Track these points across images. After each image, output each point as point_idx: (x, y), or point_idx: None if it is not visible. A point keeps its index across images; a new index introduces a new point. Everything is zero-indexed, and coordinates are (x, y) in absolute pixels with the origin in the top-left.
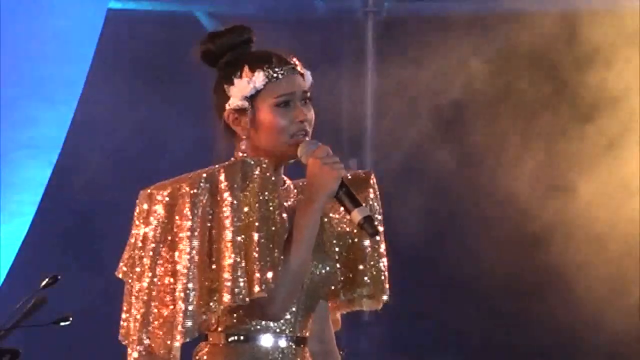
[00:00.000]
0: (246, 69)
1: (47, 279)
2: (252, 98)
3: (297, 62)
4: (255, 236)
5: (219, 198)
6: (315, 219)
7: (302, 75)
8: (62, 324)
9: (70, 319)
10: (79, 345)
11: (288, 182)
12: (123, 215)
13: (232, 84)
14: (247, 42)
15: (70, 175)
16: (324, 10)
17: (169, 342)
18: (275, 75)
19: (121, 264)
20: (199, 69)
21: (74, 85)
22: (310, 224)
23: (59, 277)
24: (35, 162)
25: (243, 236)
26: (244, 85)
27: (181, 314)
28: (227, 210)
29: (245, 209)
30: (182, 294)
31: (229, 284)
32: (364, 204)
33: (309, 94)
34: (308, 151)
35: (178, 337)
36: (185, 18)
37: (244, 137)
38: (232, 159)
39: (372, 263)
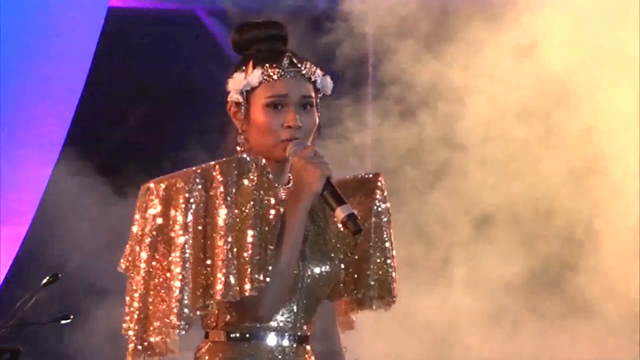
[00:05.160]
0: (250, 64)
1: (47, 277)
2: (247, 94)
3: (308, 66)
4: (249, 234)
5: (213, 194)
6: (300, 219)
7: (309, 80)
8: (62, 322)
9: (71, 317)
10: (78, 343)
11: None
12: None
13: (232, 77)
14: (274, 37)
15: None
16: (324, 8)
17: (164, 337)
18: (271, 75)
19: (123, 258)
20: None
21: (74, 84)
22: (295, 224)
23: (60, 275)
24: (35, 161)
25: (236, 233)
26: (240, 79)
27: (175, 310)
28: (221, 207)
29: (240, 207)
30: (176, 290)
31: (221, 280)
32: (347, 203)
33: (311, 100)
34: (295, 151)
35: (172, 332)
36: (186, 15)
37: (241, 130)
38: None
39: (378, 264)
